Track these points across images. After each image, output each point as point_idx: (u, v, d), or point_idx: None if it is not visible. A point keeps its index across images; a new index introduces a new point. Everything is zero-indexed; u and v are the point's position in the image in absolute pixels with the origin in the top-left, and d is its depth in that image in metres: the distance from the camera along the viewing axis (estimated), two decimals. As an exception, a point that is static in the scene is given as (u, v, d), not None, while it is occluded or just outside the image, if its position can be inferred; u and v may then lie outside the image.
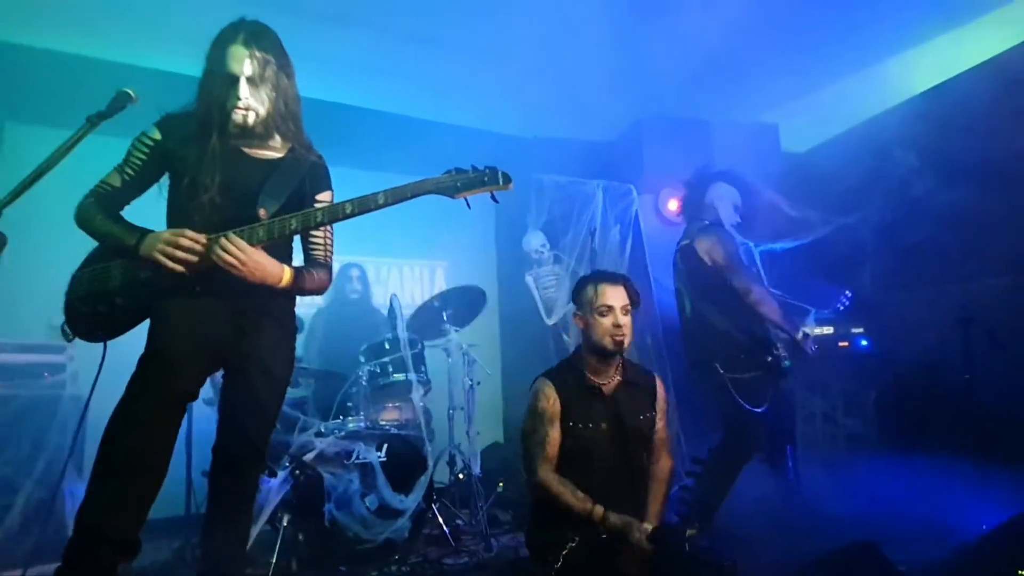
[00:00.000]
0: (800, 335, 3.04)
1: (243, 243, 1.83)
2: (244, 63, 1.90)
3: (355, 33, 4.10)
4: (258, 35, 1.95)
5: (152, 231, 1.87)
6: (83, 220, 1.93)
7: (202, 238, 1.83)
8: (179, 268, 1.81)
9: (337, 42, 4.07)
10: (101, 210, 1.92)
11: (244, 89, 1.91)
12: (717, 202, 3.30)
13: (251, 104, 1.93)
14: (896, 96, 4.33)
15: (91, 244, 2.03)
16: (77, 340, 1.99)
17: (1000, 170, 3.44)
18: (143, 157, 1.97)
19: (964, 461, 3.05)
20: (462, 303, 3.95)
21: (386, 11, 3.98)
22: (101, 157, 2.10)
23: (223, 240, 1.82)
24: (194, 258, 1.82)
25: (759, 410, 2.95)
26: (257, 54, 1.92)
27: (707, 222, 3.27)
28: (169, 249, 1.80)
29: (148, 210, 2.04)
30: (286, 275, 1.96)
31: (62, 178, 1.81)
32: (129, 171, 1.97)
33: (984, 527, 2.71)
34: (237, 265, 1.82)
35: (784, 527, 2.88)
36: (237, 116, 1.92)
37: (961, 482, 2.98)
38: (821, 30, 4.14)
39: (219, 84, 1.91)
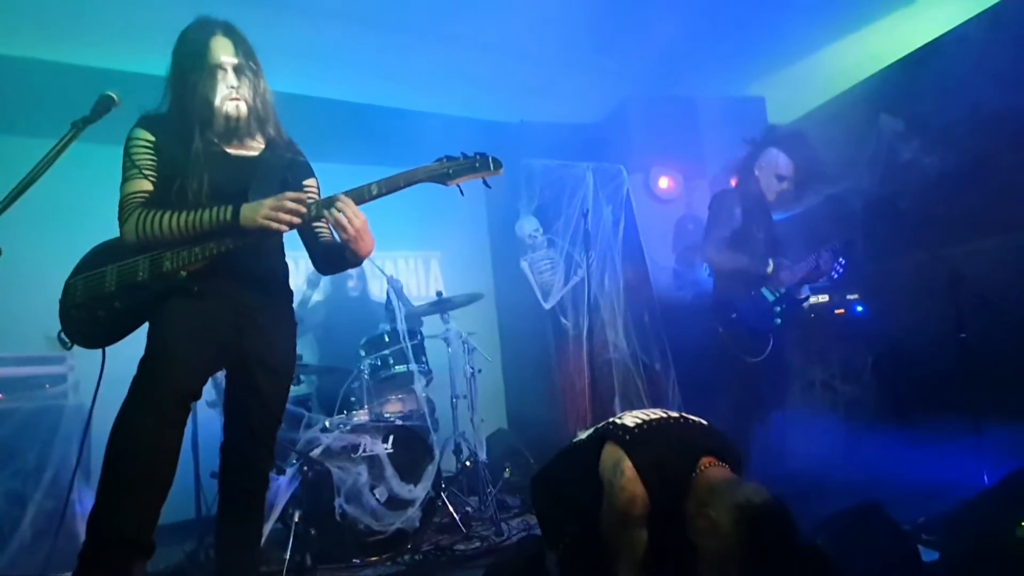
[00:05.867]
0: (770, 268, 3.11)
1: (355, 205, 1.87)
2: (231, 54, 1.92)
3: (334, 26, 4.07)
4: (234, 29, 1.98)
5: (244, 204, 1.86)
6: (149, 230, 1.86)
7: (303, 196, 1.88)
8: (285, 229, 1.86)
9: (317, 36, 4.04)
10: (161, 211, 1.87)
11: (234, 78, 1.92)
12: (758, 170, 3.29)
13: (243, 94, 1.93)
14: (879, 61, 4.33)
15: (84, 252, 2.03)
16: (76, 350, 1.99)
17: (985, 132, 3.45)
18: (152, 157, 1.93)
19: (962, 420, 3.09)
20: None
21: (365, 2, 3.95)
22: (89, 164, 2.10)
23: (339, 203, 1.85)
24: (298, 220, 1.86)
25: (757, 359, 3.03)
26: (240, 46, 1.94)
27: (733, 186, 3.31)
28: (274, 212, 1.82)
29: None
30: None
31: (53, 186, 1.81)
32: (150, 173, 1.93)
33: (985, 481, 2.76)
34: (347, 225, 1.84)
35: (789, 491, 2.92)
36: (230, 107, 1.93)
37: (960, 440, 3.02)
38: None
39: (205, 77, 1.90)
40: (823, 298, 4.01)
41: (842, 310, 4.01)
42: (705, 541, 1.65)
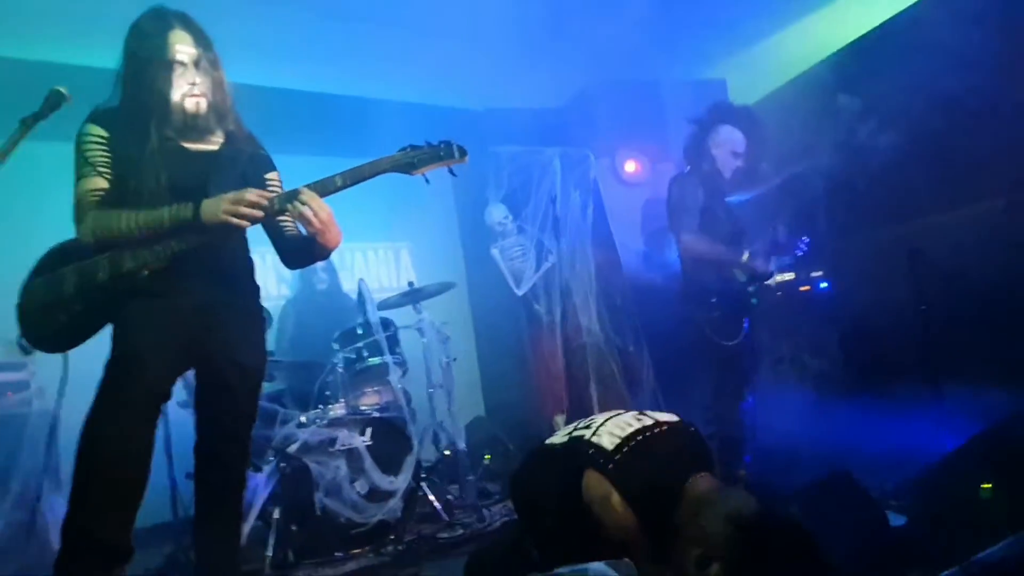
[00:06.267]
0: (745, 257, 3.15)
1: (319, 198, 1.84)
2: (190, 48, 1.87)
3: (292, 14, 3.98)
4: (190, 21, 1.92)
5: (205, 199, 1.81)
6: (106, 229, 1.80)
7: (266, 194, 1.84)
8: (246, 224, 1.82)
9: (276, 25, 3.95)
10: (118, 210, 1.81)
11: (193, 74, 1.88)
12: (715, 149, 3.29)
13: (203, 89, 1.89)
14: (838, 41, 4.40)
15: (39, 253, 1.96)
16: (38, 355, 1.94)
17: (940, 109, 3.54)
18: (106, 153, 1.87)
19: (924, 388, 3.20)
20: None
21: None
22: (41, 162, 2.04)
23: (303, 196, 1.82)
24: (260, 214, 1.82)
25: (731, 343, 3.09)
26: (199, 39, 1.89)
27: (687, 170, 3.31)
28: (235, 207, 1.78)
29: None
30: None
31: (4, 186, 1.75)
32: (105, 170, 1.87)
33: (947, 447, 2.87)
34: (312, 218, 1.82)
35: (761, 463, 3.01)
36: (190, 103, 1.89)
37: (923, 408, 3.14)
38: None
39: (163, 72, 1.85)
40: (788, 276, 4.10)
41: (807, 287, 4.11)
42: (696, 548, 1.64)
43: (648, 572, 1.73)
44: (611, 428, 1.88)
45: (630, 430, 1.86)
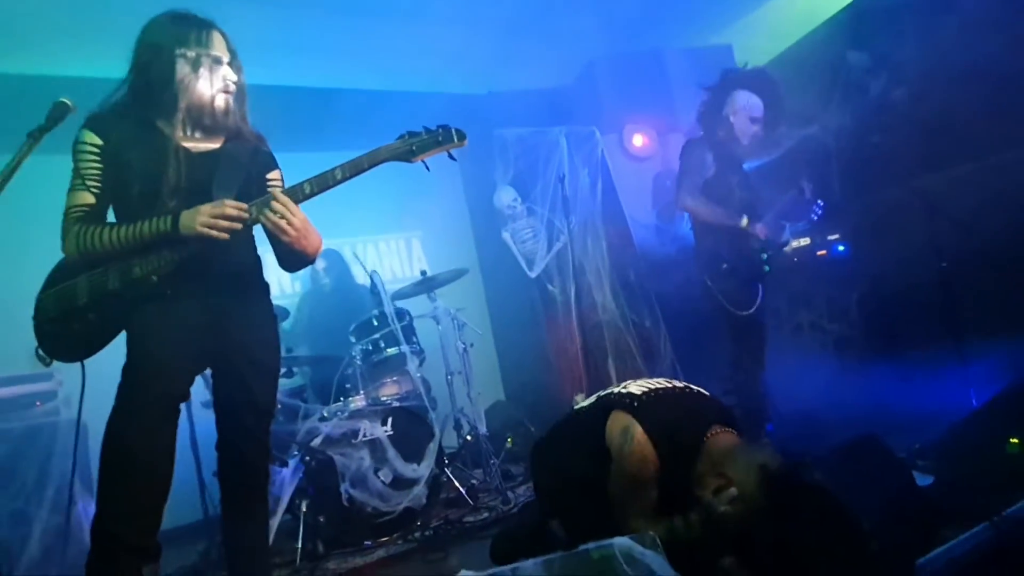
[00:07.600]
0: (744, 222, 3.09)
1: (293, 205, 1.82)
2: (225, 51, 1.92)
3: (293, 12, 3.97)
4: (222, 30, 1.95)
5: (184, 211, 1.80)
6: (87, 246, 1.81)
7: (244, 205, 1.81)
8: (225, 237, 1.79)
9: (275, 22, 3.94)
10: (100, 226, 1.83)
11: (230, 72, 1.93)
12: (732, 116, 3.21)
13: (233, 89, 1.94)
14: (842, -2, 4.30)
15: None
16: (63, 365, 1.96)
17: (950, 60, 3.45)
18: (98, 165, 1.87)
19: (947, 348, 3.15)
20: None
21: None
22: (51, 174, 2.06)
23: (274, 203, 1.80)
24: (239, 226, 1.80)
25: (746, 313, 3.07)
26: (229, 43, 1.94)
27: (700, 135, 3.26)
28: (213, 220, 1.77)
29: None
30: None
31: (17, 200, 1.76)
32: (93, 184, 1.86)
33: (973, 404, 2.83)
34: (286, 227, 1.81)
35: (785, 431, 2.99)
36: (220, 100, 1.92)
37: (946, 367, 3.08)
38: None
39: (199, 70, 1.88)
40: (805, 241, 4.04)
41: (824, 251, 4.05)
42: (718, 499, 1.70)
43: (659, 525, 1.76)
44: (639, 383, 2.01)
45: (660, 385, 1.99)
